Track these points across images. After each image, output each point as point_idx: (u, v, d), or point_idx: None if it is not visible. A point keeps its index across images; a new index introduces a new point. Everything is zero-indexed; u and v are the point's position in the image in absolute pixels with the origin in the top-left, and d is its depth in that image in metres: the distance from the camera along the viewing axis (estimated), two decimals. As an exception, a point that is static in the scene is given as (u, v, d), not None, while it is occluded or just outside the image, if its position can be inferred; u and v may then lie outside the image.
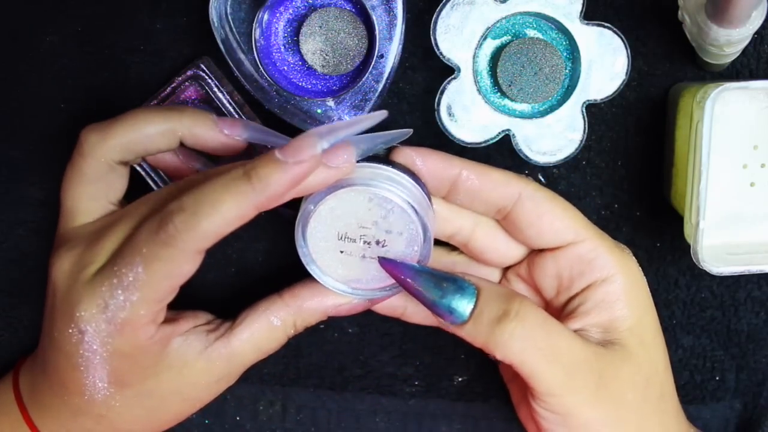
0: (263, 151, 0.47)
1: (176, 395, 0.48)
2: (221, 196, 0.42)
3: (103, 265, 0.45)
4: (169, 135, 0.48)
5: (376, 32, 0.51)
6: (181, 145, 0.49)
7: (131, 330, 0.45)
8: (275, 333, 0.49)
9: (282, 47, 0.53)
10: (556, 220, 0.48)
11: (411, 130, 0.48)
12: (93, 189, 0.48)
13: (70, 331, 0.45)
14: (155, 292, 0.44)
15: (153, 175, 0.54)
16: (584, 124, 0.52)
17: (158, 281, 0.44)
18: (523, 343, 0.44)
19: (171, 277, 0.44)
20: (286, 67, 0.53)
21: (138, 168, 0.54)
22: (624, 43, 0.51)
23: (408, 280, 0.45)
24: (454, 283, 0.45)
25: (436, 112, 0.52)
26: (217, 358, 0.48)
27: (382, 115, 0.46)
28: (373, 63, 0.51)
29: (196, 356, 0.47)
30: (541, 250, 0.49)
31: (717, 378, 0.56)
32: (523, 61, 0.51)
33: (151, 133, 0.48)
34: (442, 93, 0.51)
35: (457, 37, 0.51)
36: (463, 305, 0.45)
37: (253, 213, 0.43)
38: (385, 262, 0.46)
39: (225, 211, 0.42)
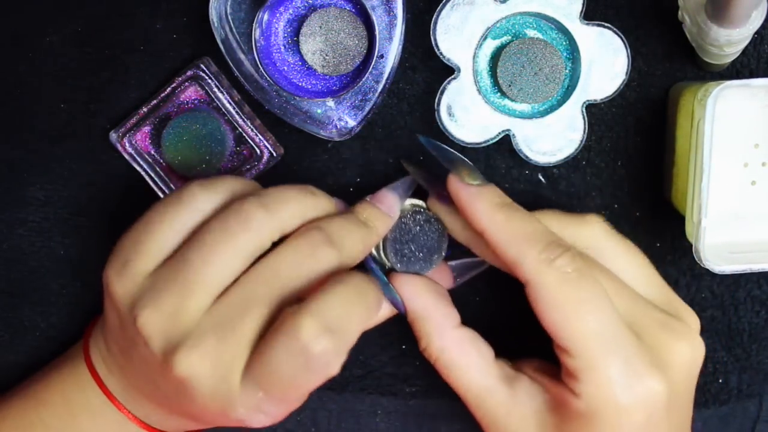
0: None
1: None
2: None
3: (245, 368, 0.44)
4: None
5: (376, 32, 0.51)
6: None
7: None
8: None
9: (282, 47, 0.53)
10: (550, 324, 0.45)
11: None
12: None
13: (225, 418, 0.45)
14: None
15: (153, 175, 0.54)
16: (584, 124, 0.51)
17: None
18: None
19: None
20: (286, 67, 0.53)
21: (138, 168, 0.54)
22: (624, 43, 0.51)
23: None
24: None
25: (436, 112, 0.52)
26: None
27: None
28: (373, 63, 0.51)
29: None
30: None
31: (720, 380, 0.56)
32: (523, 61, 0.51)
33: None
34: (442, 93, 0.51)
35: (457, 37, 0.51)
36: None
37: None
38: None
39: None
